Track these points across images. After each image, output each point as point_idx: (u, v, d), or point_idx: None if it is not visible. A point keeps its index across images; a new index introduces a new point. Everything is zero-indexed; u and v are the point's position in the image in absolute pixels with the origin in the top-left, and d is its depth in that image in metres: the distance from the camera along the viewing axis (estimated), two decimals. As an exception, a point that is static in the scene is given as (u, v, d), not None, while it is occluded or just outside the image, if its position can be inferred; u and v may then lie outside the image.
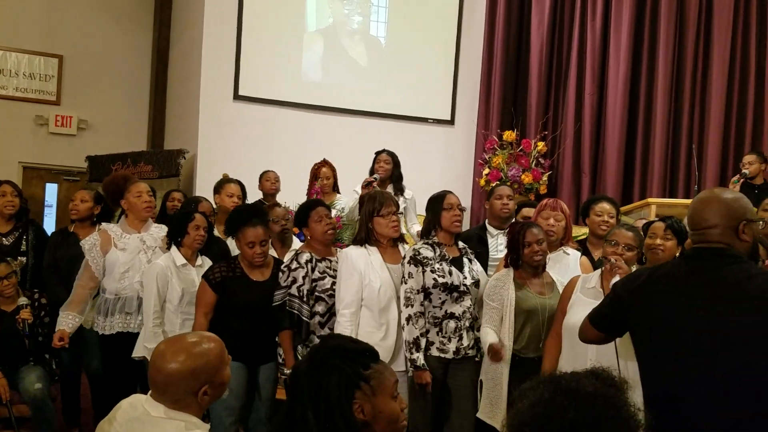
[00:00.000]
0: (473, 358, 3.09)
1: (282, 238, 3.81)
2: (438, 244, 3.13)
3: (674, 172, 6.43)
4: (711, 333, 1.76)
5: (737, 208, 1.85)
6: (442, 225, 3.14)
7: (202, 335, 1.82)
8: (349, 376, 1.54)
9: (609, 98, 6.51)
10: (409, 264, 3.06)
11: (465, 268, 3.15)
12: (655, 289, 1.90)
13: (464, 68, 7.06)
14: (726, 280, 1.79)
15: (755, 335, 1.71)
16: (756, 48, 6.20)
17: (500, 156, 6.50)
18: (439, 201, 3.18)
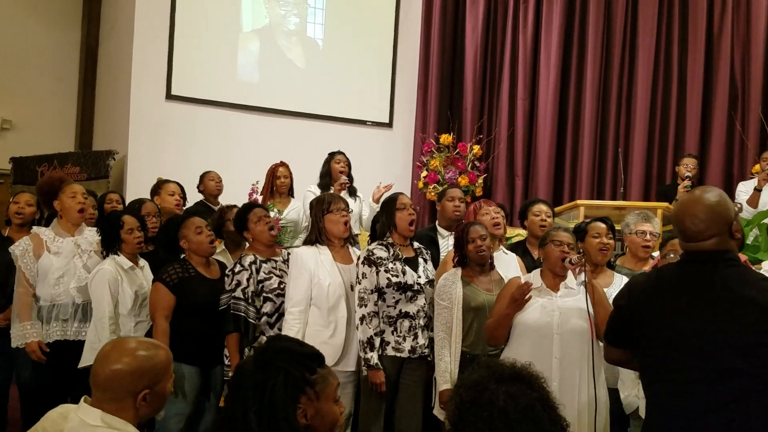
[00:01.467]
0: (427, 357, 3.12)
1: (237, 240, 3.75)
2: (392, 244, 3.17)
3: (601, 174, 6.72)
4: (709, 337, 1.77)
5: (724, 209, 1.84)
6: (397, 224, 3.18)
7: (151, 342, 1.77)
8: (297, 380, 1.53)
9: (540, 104, 6.74)
10: (362, 264, 3.09)
11: (419, 267, 3.19)
12: (655, 296, 1.90)
13: (402, 72, 7.14)
14: (722, 283, 1.79)
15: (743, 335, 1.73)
16: (678, 56, 6.56)
17: (437, 159, 6.62)
18: (392, 202, 3.23)
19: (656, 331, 1.86)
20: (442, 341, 2.97)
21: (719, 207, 1.83)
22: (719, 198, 1.86)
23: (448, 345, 2.95)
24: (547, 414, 1.38)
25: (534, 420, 1.34)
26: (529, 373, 1.45)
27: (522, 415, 1.34)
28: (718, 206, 1.83)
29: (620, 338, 2.01)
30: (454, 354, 2.93)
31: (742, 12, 6.48)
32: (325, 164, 4.73)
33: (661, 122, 6.61)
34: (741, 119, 6.44)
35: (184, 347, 2.98)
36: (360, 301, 3.06)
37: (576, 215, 4.73)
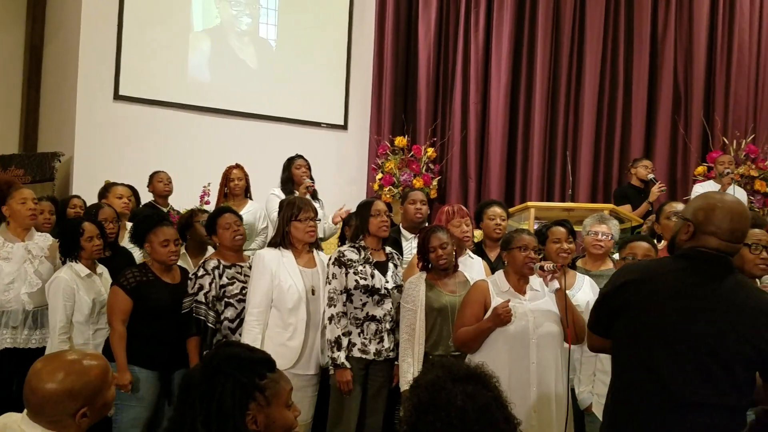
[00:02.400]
0: (393, 360, 3.15)
1: (203, 244, 3.71)
2: (364, 247, 3.21)
3: (551, 176, 6.88)
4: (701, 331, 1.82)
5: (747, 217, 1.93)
6: (370, 230, 3.22)
7: (83, 353, 1.69)
8: (245, 387, 1.50)
9: (492, 107, 6.86)
10: (333, 265, 3.14)
11: (389, 272, 3.23)
12: (658, 287, 1.91)
13: (356, 74, 7.14)
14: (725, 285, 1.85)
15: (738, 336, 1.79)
16: (624, 61, 6.79)
17: (392, 161, 6.66)
18: (366, 207, 3.28)
19: (655, 321, 1.88)
20: (406, 343, 3.00)
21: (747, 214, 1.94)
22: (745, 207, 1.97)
23: (411, 347, 2.98)
24: (502, 413, 1.41)
25: (490, 419, 1.37)
26: (483, 372, 1.47)
27: (479, 414, 1.36)
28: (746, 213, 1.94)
29: (603, 327, 2.05)
30: (417, 355, 2.96)
31: (685, 18, 6.76)
32: (285, 170, 4.69)
33: (608, 126, 6.83)
34: (684, 122, 6.72)
35: (143, 351, 3.00)
36: (329, 301, 3.10)
37: (527, 216, 4.82)
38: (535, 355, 2.64)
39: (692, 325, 1.84)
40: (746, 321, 1.81)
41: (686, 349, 1.83)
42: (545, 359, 2.65)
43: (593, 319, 2.10)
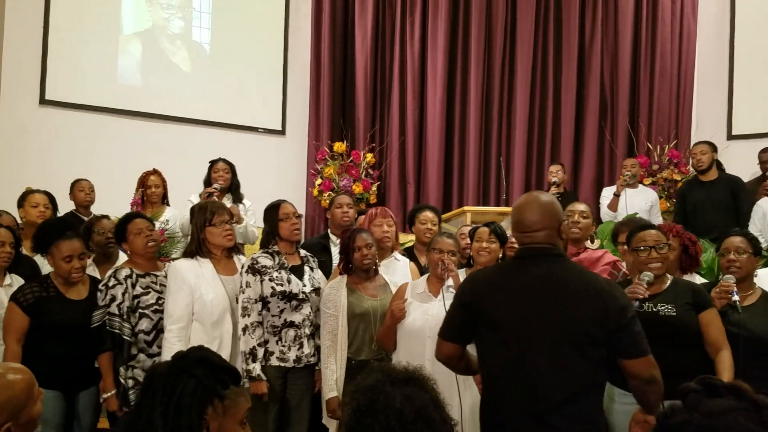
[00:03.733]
0: (314, 366, 3.13)
1: (106, 252, 3.58)
2: (277, 252, 3.14)
3: (486, 182, 7.03)
4: (538, 324, 1.94)
5: (557, 210, 2.07)
6: (281, 234, 3.16)
7: (7, 366, 1.66)
8: (206, 389, 1.53)
9: (428, 114, 6.95)
10: (246, 273, 3.03)
11: (305, 275, 3.17)
12: (491, 287, 2.06)
13: (293, 79, 7.11)
14: (553, 276, 1.98)
15: (575, 325, 1.91)
16: (553, 70, 7.00)
17: (332, 166, 6.66)
18: (274, 211, 3.19)
19: (498, 323, 2.01)
20: (329, 349, 2.98)
21: (551, 207, 2.07)
22: (552, 200, 2.12)
23: (334, 353, 2.97)
24: (439, 414, 1.44)
25: (427, 420, 1.40)
26: (421, 374, 1.51)
27: (416, 415, 1.39)
28: (551, 206, 2.07)
29: (455, 333, 2.15)
30: (340, 361, 2.96)
31: (610, 28, 7.03)
32: (207, 173, 4.64)
33: (539, 132, 7.02)
34: (610, 129, 6.98)
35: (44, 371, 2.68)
36: (243, 311, 2.99)
37: (464, 221, 4.91)
38: (430, 352, 2.68)
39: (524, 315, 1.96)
40: (573, 302, 1.92)
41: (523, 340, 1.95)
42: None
43: (444, 326, 2.19)
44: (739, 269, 2.74)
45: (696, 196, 5.00)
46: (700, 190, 5.00)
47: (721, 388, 1.18)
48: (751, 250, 2.77)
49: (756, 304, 2.73)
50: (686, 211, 5.02)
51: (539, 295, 1.97)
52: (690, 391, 1.20)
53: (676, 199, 5.36)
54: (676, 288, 2.68)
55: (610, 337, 1.92)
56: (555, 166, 5.93)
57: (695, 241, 3.11)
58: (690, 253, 3.06)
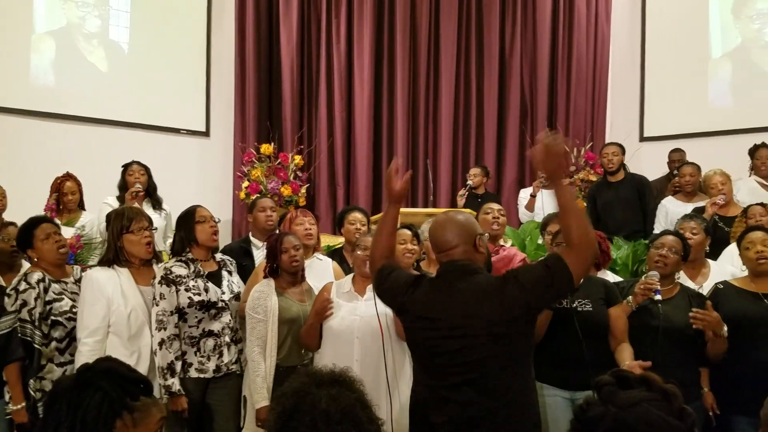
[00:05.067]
0: (235, 373, 3.05)
1: (10, 262, 3.40)
2: (192, 260, 3.03)
3: (414, 184, 7.09)
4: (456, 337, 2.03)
5: (470, 226, 2.17)
6: (198, 239, 3.05)
7: None
8: (113, 402, 1.48)
9: (356, 116, 6.98)
10: (160, 284, 2.89)
11: (224, 282, 3.08)
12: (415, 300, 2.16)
13: (217, 79, 6.97)
14: (470, 290, 2.06)
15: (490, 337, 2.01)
16: (476, 76, 7.17)
17: (259, 169, 6.56)
18: (190, 215, 3.09)
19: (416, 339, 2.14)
20: (258, 356, 2.89)
21: (466, 223, 2.18)
22: (466, 216, 2.23)
23: (263, 359, 2.89)
24: (366, 413, 1.45)
25: (354, 420, 1.41)
26: (347, 376, 1.52)
27: (343, 415, 1.39)
28: (466, 222, 2.18)
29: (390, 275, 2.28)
30: (268, 368, 2.88)
31: (529, 34, 7.27)
32: (121, 177, 4.49)
33: (464, 135, 7.18)
34: (530, 131, 7.22)
35: None
36: (158, 324, 2.85)
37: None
38: (358, 353, 2.72)
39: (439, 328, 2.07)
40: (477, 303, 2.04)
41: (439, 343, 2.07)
42: (369, 357, 2.73)
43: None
44: (666, 266, 2.92)
45: (605, 196, 5.23)
46: (609, 191, 5.24)
47: (632, 380, 1.26)
48: (681, 253, 2.96)
49: (677, 298, 2.92)
50: (597, 210, 5.25)
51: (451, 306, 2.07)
52: (604, 384, 1.28)
53: (587, 201, 5.59)
54: (589, 284, 2.84)
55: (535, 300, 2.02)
56: (474, 169, 6.09)
57: (605, 237, 3.31)
58: (602, 249, 3.24)
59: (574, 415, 1.29)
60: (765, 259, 2.91)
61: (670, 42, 7.03)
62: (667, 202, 4.90)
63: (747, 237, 3.02)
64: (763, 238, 2.95)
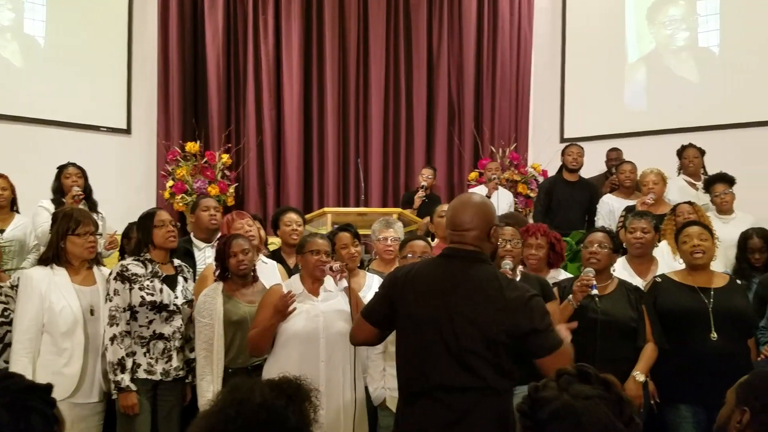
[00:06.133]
0: (183, 380, 3.03)
1: None
2: (150, 260, 3.03)
3: (346, 183, 7.13)
4: (450, 319, 2.01)
5: (490, 214, 2.14)
6: (156, 242, 3.05)
7: None
8: (48, 418, 1.41)
9: (286, 114, 6.91)
10: (115, 280, 2.93)
11: (179, 286, 3.08)
12: (416, 283, 2.12)
13: (139, 75, 6.70)
14: (471, 277, 2.06)
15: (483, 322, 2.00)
16: (405, 77, 7.27)
17: (184, 168, 6.37)
18: (149, 218, 3.09)
19: (414, 314, 2.09)
20: (204, 359, 2.89)
21: (487, 209, 2.16)
22: (487, 202, 2.22)
23: (210, 363, 2.88)
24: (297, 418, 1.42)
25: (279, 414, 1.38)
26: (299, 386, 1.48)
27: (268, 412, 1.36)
28: (487, 208, 2.17)
29: (376, 317, 2.22)
30: (216, 372, 2.87)
31: (456, 38, 7.45)
32: (55, 179, 4.27)
33: (394, 136, 7.27)
34: (458, 134, 7.39)
35: None
36: (111, 320, 2.88)
37: (324, 222, 4.95)
38: (324, 353, 2.72)
39: (438, 312, 2.05)
40: (483, 308, 2.03)
41: (434, 335, 2.04)
42: (335, 357, 2.73)
43: (368, 307, 2.27)
44: (599, 261, 3.04)
45: (561, 192, 5.45)
46: (565, 188, 5.46)
47: (593, 377, 1.32)
48: (611, 246, 3.09)
49: (615, 292, 3.06)
50: (550, 204, 5.46)
51: (454, 296, 2.05)
52: (564, 374, 1.33)
53: (539, 193, 5.80)
54: (526, 282, 2.93)
55: (523, 339, 2.02)
56: (427, 170, 6.18)
57: (560, 239, 3.44)
58: (557, 250, 3.37)
59: (528, 391, 1.34)
60: (700, 253, 3.07)
61: (589, 47, 7.38)
62: (607, 199, 5.14)
63: (684, 231, 3.18)
64: (699, 232, 3.12)
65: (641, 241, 3.46)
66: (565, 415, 1.24)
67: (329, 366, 2.71)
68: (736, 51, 6.52)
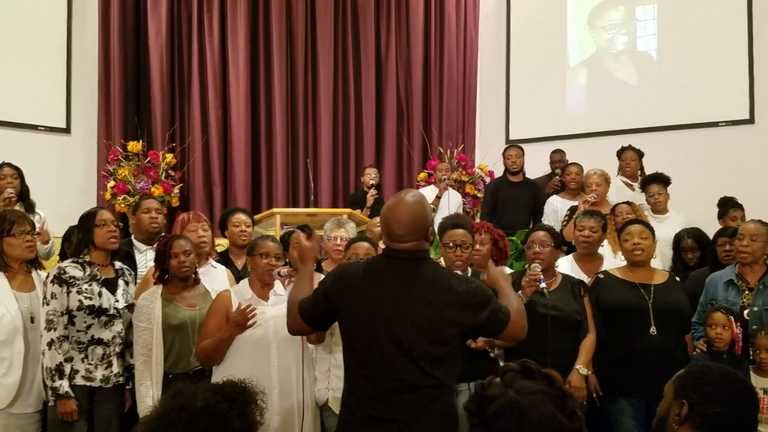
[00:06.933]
0: (123, 386, 2.95)
1: None
2: (90, 263, 2.92)
3: (295, 183, 7.08)
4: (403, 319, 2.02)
5: (425, 216, 2.12)
6: (96, 243, 2.95)
7: None
8: None
9: (232, 113, 6.80)
10: (52, 284, 2.82)
11: (119, 290, 2.98)
12: (360, 282, 2.10)
13: (79, 73, 6.47)
14: (420, 276, 2.07)
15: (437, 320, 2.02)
16: (354, 78, 7.28)
17: (126, 168, 6.20)
18: (90, 218, 2.99)
19: (361, 314, 2.08)
20: (143, 365, 2.81)
21: (420, 215, 2.11)
22: (421, 206, 2.13)
23: (149, 369, 2.81)
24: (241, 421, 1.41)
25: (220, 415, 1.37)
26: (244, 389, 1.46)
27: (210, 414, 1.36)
28: (419, 214, 2.11)
29: (311, 316, 2.19)
30: (155, 377, 2.80)
31: (403, 41, 7.50)
32: None
33: (343, 136, 7.27)
34: (407, 134, 7.45)
35: None
36: (48, 324, 2.78)
37: (273, 222, 4.90)
38: (276, 358, 2.69)
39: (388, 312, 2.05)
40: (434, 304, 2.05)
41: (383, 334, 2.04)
42: (286, 361, 2.71)
43: (308, 301, 2.22)
44: (543, 260, 3.10)
45: (505, 193, 5.59)
46: (509, 189, 5.60)
47: (536, 372, 1.35)
48: (553, 244, 3.16)
49: (560, 288, 3.13)
50: (496, 205, 5.57)
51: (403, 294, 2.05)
52: (509, 370, 1.36)
53: (485, 194, 5.93)
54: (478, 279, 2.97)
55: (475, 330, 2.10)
56: (372, 169, 6.20)
57: (503, 236, 3.50)
58: (500, 247, 3.42)
59: (474, 390, 1.36)
60: (640, 251, 3.18)
61: (532, 50, 7.56)
62: (553, 200, 5.27)
63: (626, 230, 3.29)
64: (639, 231, 3.23)
65: (588, 240, 3.55)
66: (511, 411, 1.27)
67: (281, 370, 2.69)
68: (673, 55, 6.80)
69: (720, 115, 6.48)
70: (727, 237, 3.70)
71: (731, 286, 3.35)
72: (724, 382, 1.55)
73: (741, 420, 1.54)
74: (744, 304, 3.28)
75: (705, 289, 3.45)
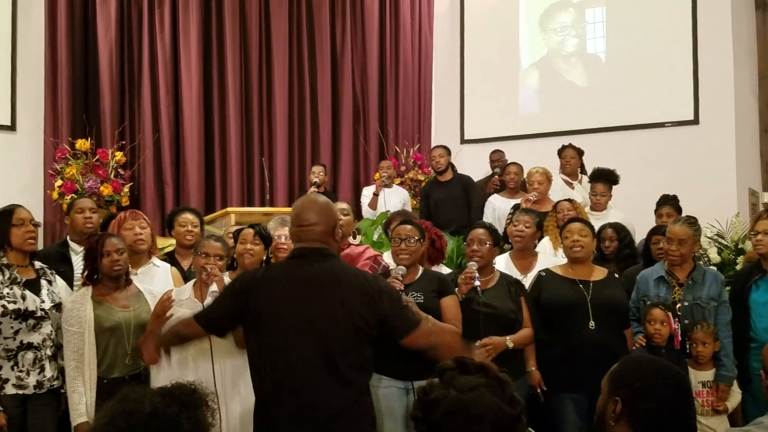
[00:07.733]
0: (58, 390, 2.86)
1: None
2: (7, 265, 2.80)
3: (250, 182, 7.00)
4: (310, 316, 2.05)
5: (333, 212, 2.24)
6: (13, 243, 2.83)
7: None
8: None
9: (185, 111, 6.69)
10: None
11: (43, 290, 2.88)
12: (268, 283, 2.13)
13: (24, 68, 6.28)
14: (325, 274, 2.11)
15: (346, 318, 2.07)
16: (309, 75, 7.22)
17: (74, 166, 6.04)
18: (6, 217, 2.85)
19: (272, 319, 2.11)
20: (75, 370, 2.73)
21: (329, 207, 2.26)
22: (329, 202, 2.31)
23: (81, 374, 2.72)
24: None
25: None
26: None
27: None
28: (329, 206, 2.26)
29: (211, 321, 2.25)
30: (89, 383, 2.72)
31: (359, 39, 7.49)
32: None
33: (299, 134, 7.22)
34: (364, 132, 7.45)
35: None
36: None
37: (228, 222, 4.85)
38: (216, 359, 2.66)
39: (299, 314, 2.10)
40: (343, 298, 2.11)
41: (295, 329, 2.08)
42: (230, 360, 2.69)
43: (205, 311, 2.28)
44: (481, 258, 3.14)
45: (436, 194, 5.65)
46: (439, 189, 5.67)
47: (471, 366, 1.38)
48: (491, 242, 3.20)
49: (497, 286, 3.18)
50: (429, 208, 5.61)
51: (310, 291, 2.09)
52: (446, 369, 1.38)
53: (420, 198, 5.97)
54: (425, 278, 3.03)
55: (382, 323, 2.13)
56: (317, 167, 6.18)
57: (441, 235, 3.53)
58: (437, 247, 3.45)
59: (417, 397, 1.38)
60: (579, 248, 3.26)
61: (485, 52, 7.64)
62: (493, 199, 5.35)
63: (566, 227, 3.37)
64: (579, 228, 3.31)
65: (522, 234, 3.61)
66: (456, 412, 1.29)
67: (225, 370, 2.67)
68: (621, 57, 6.95)
69: (666, 116, 6.66)
70: (661, 235, 3.78)
71: (662, 282, 3.43)
72: (655, 376, 1.55)
73: (675, 414, 1.53)
74: (675, 300, 3.37)
75: (636, 286, 3.52)
